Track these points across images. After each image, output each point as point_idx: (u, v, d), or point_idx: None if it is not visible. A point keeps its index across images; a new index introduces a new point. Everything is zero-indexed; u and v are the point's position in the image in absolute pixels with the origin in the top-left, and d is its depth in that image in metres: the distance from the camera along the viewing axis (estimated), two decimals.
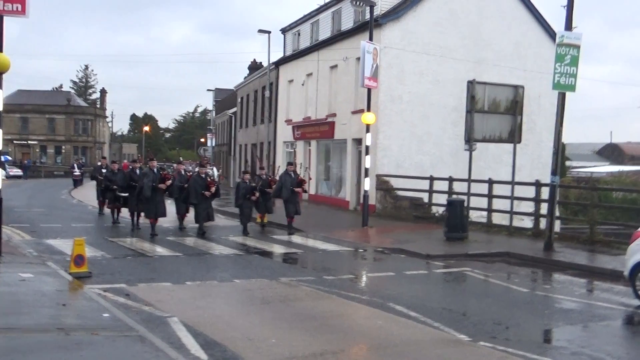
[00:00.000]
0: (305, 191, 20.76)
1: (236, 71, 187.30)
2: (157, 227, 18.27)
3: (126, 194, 19.77)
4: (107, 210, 22.49)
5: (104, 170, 23.41)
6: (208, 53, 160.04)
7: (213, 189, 18.63)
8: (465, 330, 8.69)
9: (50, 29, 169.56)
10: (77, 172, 44.73)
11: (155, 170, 18.60)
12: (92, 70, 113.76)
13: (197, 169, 20.57)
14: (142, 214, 19.09)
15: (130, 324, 8.17)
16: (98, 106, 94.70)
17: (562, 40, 15.98)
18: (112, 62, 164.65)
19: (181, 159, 24.58)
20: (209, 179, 19.25)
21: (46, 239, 16.72)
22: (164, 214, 18.53)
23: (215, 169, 21.50)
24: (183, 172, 20.53)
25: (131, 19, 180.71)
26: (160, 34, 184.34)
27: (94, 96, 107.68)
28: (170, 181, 18.59)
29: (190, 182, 18.90)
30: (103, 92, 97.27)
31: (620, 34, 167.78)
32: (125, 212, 20.61)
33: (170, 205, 19.69)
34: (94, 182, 25.14)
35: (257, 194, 19.29)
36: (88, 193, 36.96)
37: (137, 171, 19.74)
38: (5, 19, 12.76)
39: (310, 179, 28.32)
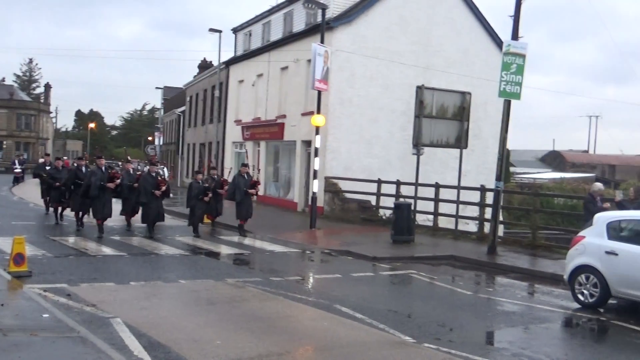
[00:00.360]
0: (256, 194, 20.45)
1: (186, 70, 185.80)
2: (102, 226, 17.72)
3: (68, 192, 19.17)
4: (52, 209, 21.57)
5: (47, 168, 22.53)
6: (158, 50, 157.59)
7: (164, 188, 18.19)
8: (410, 332, 8.79)
9: None
10: (18, 168, 43.26)
11: (103, 168, 18.03)
12: (37, 64, 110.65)
13: (147, 168, 20.12)
14: (87, 213, 18.55)
15: (71, 325, 7.98)
16: (42, 101, 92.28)
17: (509, 49, 16.34)
18: (58, 57, 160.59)
19: (129, 157, 23.85)
20: (159, 178, 18.77)
21: None
22: (110, 214, 18.00)
23: (165, 168, 20.77)
24: (132, 171, 19.96)
25: (80, 13, 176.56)
26: (110, 30, 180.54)
27: (37, 91, 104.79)
28: (119, 180, 17.90)
29: (141, 181, 18.37)
30: (47, 86, 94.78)
31: (563, 46, 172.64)
32: (69, 211, 19.94)
33: (116, 204, 19.11)
34: (37, 180, 24.33)
35: (210, 195, 18.98)
36: (30, 190, 36.01)
37: (83, 169, 19.05)
38: None
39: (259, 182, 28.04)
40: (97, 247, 15.57)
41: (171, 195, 21.24)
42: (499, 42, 28.36)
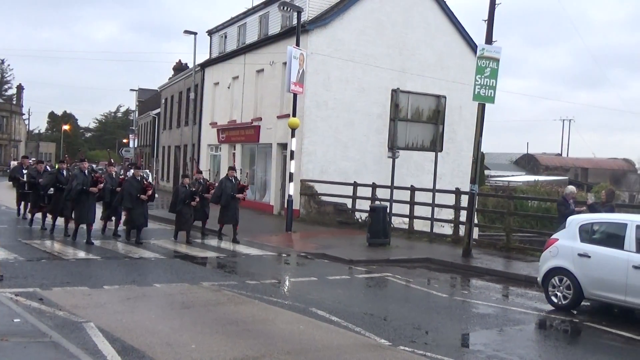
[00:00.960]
0: (244, 198, 19.58)
1: (161, 72, 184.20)
2: (77, 230, 17.01)
3: (49, 194, 18.51)
4: (28, 214, 20.98)
5: (24, 171, 21.62)
6: (133, 52, 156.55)
7: (150, 192, 17.55)
8: (385, 335, 8.81)
9: None
10: None
11: (86, 172, 17.12)
12: (9, 65, 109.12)
13: (131, 171, 19.52)
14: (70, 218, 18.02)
15: (43, 330, 7.87)
16: (14, 102, 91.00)
17: (483, 53, 16.48)
18: (32, 58, 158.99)
19: (112, 160, 23.14)
20: (145, 182, 17.97)
21: None
22: (93, 220, 17.26)
23: (149, 172, 19.78)
24: (114, 175, 19.02)
25: (55, 15, 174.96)
26: (85, 31, 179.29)
27: (9, 92, 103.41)
28: (102, 184, 17.11)
29: (125, 185, 17.56)
30: (20, 88, 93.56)
31: (536, 51, 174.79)
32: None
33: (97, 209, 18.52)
34: (9, 183, 23.78)
35: (198, 199, 18.34)
36: (1, 193, 35.47)
37: (64, 172, 18.26)
38: None
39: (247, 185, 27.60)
40: (70, 251, 15.37)
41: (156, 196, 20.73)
42: (473, 46, 28.64)
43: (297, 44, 21.86)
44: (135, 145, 59.67)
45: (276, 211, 28.31)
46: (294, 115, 21.79)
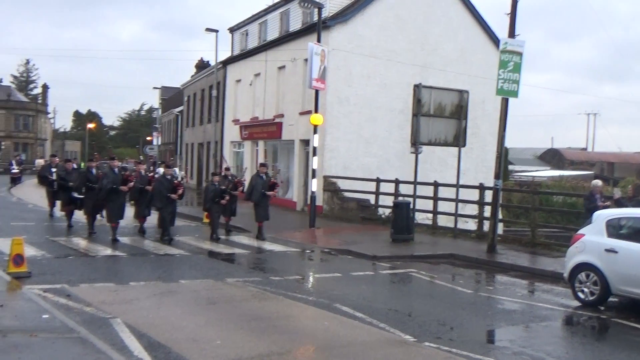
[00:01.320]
0: (275, 195, 19.43)
1: (184, 70, 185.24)
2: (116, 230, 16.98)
3: (81, 196, 18.31)
4: (58, 213, 21.00)
5: (53, 170, 21.54)
6: (156, 51, 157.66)
7: (181, 191, 17.25)
8: (410, 331, 8.78)
9: None
10: (15, 169, 42.67)
11: (115, 170, 17.16)
12: (34, 65, 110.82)
13: (161, 170, 19.37)
14: (100, 216, 18.18)
15: (71, 326, 7.96)
16: (39, 102, 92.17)
17: (506, 47, 16.33)
18: (57, 58, 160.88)
19: (141, 157, 23.09)
20: (175, 181, 17.73)
21: None
22: (122, 217, 17.20)
23: (178, 170, 19.20)
24: (143, 173, 18.74)
25: (81, 15, 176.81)
26: (110, 31, 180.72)
27: (35, 91, 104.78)
28: (132, 183, 17.07)
29: (155, 185, 17.31)
30: (45, 87, 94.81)
31: (560, 44, 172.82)
32: (78, 215, 19.33)
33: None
34: (38, 181, 23.84)
35: (228, 198, 18.17)
36: (29, 191, 35.98)
37: (93, 171, 18.09)
38: None
39: (282, 182, 27.38)
40: (96, 248, 15.53)
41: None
42: (496, 40, 28.37)
43: (318, 41, 21.85)
44: (159, 143, 60.14)
45: (299, 207, 28.35)
46: (316, 111, 21.79)
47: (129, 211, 19.12)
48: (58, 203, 21.02)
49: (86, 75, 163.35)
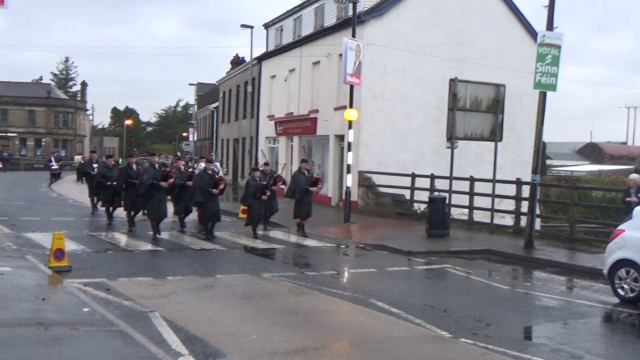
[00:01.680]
0: (318, 192, 19.04)
1: (219, 66, 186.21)
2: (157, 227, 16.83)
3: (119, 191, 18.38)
4: (100, 208, 20.90)
5: (94, 165, 21.65)
6: (192, 47, 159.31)
7: (222, 186, 17.11)
8: (446, 327, 8.74)
9: (37, 21, 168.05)
10: (54, 165, 43.50)
11: (156, 166, 17.01)
12: (73, 63, 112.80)
13: (201, 165, 18.77)
14: (142, 212, 18.06)
15: (111, 319, 8.12)
16: (78, 99, 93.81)
17: (544, 40, 16.10)
18: (96, 56, 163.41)
19: (179, 153, 22.93)
20: (216, 176, 17.48)
21: (25, 233, 16.53)
22: (165, 214, 17.12)
23: (219, 164, 18.59)
24: (182, 168, 18.72)
25: (119, 13, 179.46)
26: (147, 28, 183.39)
27: (74, 89, 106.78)
28: (172, 179, 16.89)
29: (196, 180, 17.14)
30: (83, 84, 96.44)
31: (599, 36, 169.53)
32: (121, 210, 19.16)
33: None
34: (77, 177, 24.19)
35: (269, 193, 17.81)
36: (68, 187, 36.70)
37: (134, 167, 18.06)
38: None
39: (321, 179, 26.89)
40: (135, 243, 15.77)
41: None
42: (533, 33, 27.94)
43: (353, 35, 21.80)
44: (195, 139, 60.69)
45: (334, 203, 28.37)
46: (351, 106, 21.77)
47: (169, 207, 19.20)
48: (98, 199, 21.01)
49: (124, 72, 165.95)
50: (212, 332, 8.01)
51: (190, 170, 19.12)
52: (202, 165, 18.89)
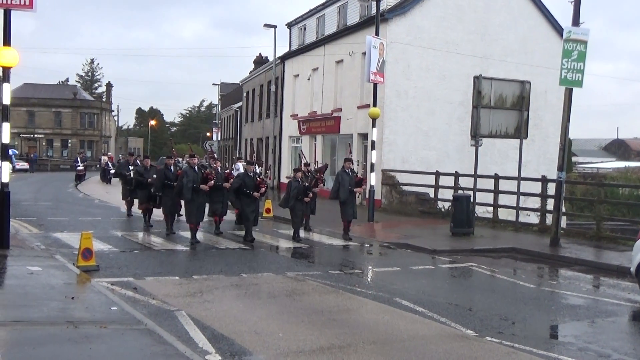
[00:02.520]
0: (362, 192, 18.34)
1: (243, 66, 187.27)
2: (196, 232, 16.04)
3: (159, 194, 17.79)
4: (135, 211, 20.75)
5: (131, 167, 21.45)
6: (217, 48, 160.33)
7: (264, 190, 16.47)
8: (471, 326, 8.71)
9: (65, 24, 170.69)
10: (80, 166, 43.75)
11: (195, 168, 16.15)
12: (98, 64, 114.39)
13: (239, 165, 18.07)
14: (178, 215, 17.97)
15: (139, 318, 8.22)
16: (104, 100, 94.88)
17: (570, 36, 15.95)
18: (122, 57, 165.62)
19: (215, 155, 21.21)
20: (258, 178, 16.62)
21: (53, 233, 16.78)
22: (203, 218, 16.58)
23: (258, 167, 17.49)
24: (219, 170, 18.21)
25: (144, 15, 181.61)
26: (172, 30, 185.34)
27: (99, 90, 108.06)
28: (213, 182, 16.06)
29: (237, 182, 16.27)
30: (109, 86, 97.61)
31: (625, 32, 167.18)
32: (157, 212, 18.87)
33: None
34: (98, 178, 24.42)
35: (311, 195, 17.25)
36: (94, 187, 37.17)
37: (172, 168, 17.40)
38: (18, 15, 12.81)
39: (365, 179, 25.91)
40: (161, 242, 15.93)
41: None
42: (558, 29, 27.72)
43: (377, 34, 21.79)
44: (219, 139, 61.02)
45: (358, 201, 28.32)
46: (374, 105, 21.76)
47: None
48: (136, 201, 20.42)
49: (149, 74, 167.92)
50: (238, 331, 8.08)
51: (227, 171, 18.76)
52: (240, 165, 18.56)
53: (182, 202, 16.83)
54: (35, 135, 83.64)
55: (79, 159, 45.80)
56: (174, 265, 12.89)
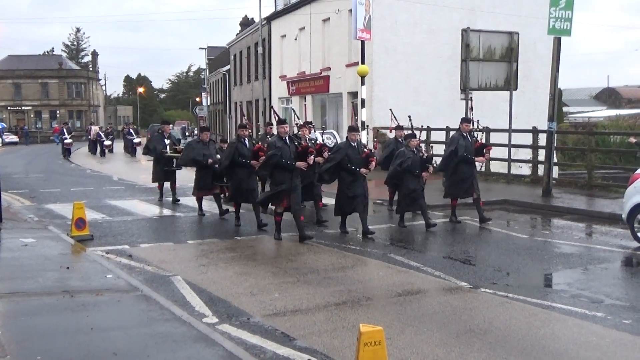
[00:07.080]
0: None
1: (229, 28, 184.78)
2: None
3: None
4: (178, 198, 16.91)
5: (166, 142, 16.91)
6: (201, 11, 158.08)
7: (374, 164, 12.36)
8: (466, 278, 8.80)
9: None
10: (67, 138, 38.44)
11: (246, 141, 13.18)
12: (84, 34, 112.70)
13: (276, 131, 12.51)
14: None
15: (134, 284, 8.26)
16: (90, 69, 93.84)
17: None
18: (110, 25, 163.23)
19: (303, 122, 15.24)
20: (365, 150, 12.64)
21: (46, 204, 16.74)
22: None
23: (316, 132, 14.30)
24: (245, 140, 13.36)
25: None
26: None
27: (86, 59, 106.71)
28: (312, 156, 11.88)
29: (337, 156, 12.29)
30: (94, 54, 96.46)
31: None
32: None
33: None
34: (86, 149, 24.03)
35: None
36: (83, 158, 36.95)
37: (246, 142, 13.22)
38: None
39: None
40: (153, 209, 15.90)
41: None
42: None
43: None
44: (208, 104, 60.63)
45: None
46: (363, 62, 21.58)
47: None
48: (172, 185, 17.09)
49: (140, 41, 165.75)
50: (234, 293, 8.13)
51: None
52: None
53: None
54: (23, 108, 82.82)
55: (64, 130, 39.60)
56: (168, 231, 12.87)
